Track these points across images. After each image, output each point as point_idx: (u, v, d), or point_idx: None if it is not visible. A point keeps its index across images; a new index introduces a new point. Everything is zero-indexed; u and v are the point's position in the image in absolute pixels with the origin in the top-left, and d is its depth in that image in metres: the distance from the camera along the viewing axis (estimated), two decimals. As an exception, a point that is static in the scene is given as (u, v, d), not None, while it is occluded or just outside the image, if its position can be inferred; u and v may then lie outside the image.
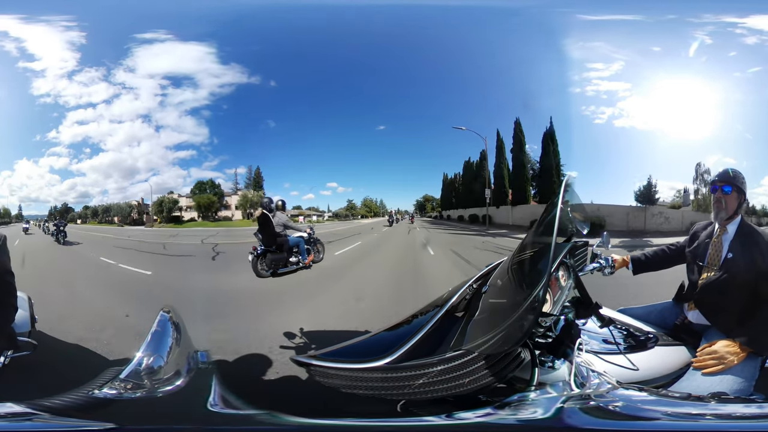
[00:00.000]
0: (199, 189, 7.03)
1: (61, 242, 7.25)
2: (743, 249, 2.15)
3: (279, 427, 1.77)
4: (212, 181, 6.94)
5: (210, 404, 1.91)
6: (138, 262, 6.21)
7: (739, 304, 2.09)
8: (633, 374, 1.89)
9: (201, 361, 2.29)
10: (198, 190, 7.07)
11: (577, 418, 1.47)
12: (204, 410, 1.88)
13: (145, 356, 2.08)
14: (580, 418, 1.46)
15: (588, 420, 1.46)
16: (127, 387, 1.95)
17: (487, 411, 1.53)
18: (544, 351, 1.71)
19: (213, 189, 7.03)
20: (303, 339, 3.78)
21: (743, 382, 1.90)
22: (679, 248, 2.52)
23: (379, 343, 1.79)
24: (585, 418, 1.46)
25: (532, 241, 1.79)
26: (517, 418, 1.49)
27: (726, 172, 2.28)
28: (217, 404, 1.93)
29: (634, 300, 2.72)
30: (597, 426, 1.44)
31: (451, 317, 1.84)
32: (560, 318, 1.79)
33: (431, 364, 1.52)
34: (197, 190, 7.08)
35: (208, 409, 1.89)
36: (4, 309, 2.37)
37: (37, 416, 1.75)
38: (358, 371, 1.60)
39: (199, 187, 7.03)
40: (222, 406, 1.92)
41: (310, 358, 1.73)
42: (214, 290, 5.33)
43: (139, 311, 4.17)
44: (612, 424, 1.47)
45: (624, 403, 1.55)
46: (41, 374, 2.71)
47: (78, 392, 1.91)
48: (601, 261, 2.50)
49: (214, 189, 7.07)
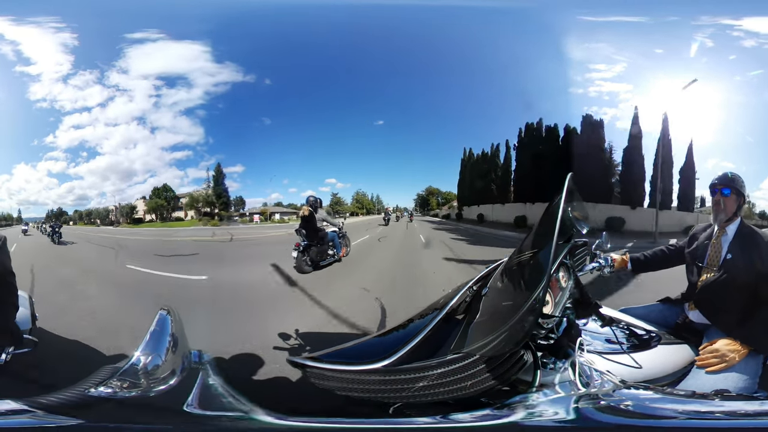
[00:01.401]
0: (156, 194, 7.71)
1: (56, 242, 7.55)
2: (742, 250, 2.16)
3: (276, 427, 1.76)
4: (166, 185, 7.55)
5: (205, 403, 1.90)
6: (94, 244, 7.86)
7: (739, 305, 2.10)
8: (637, 373, 1.88)
9: (196, 361, 2.29)
10: (154, 194, 7.75)
11: (594, 416, 1.47)
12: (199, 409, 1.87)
13: (143, 355, 2.08)
14: (597, 417, 1.47)
15: (605, 418, 1.46)
16: (123, 386, 1.94)
17: (489, 413, 1.52)
18: (546, 352, 1.71)
19: (165, 193, 7.79)
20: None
21: (747, 380, 1.92)
22: (678, 249, 2.52)
23: (377, 345, 1.78)
24: (601, 416, 1.47)
25: (532, 242, 1.78)
26: (521, 419, 1.48)
27: (725, 175, 2.30)
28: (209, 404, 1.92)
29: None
30: (614, 422, 1.45)
31: (451, 320, 1.82)
32: (562, 319, 1.78)
33: (431, 367, 1.51)
34: (154, 195, 7.75)
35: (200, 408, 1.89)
36: (6, 307, 2.43)
37: (34, 414, 1.75)
38: (355, 373, 1.59)
39: (155, 193, 7.70)
40: (218, 406, 1.92)
41: (306, 359, 1.72)
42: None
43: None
44: (627, 422, 1.48)
45: (633, 402, 1.54)
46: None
47: (74, 390, 1.90)
48: (600, 261, 2.50)
49: (166, 193, 7.69)
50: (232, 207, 7.77)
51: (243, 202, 7.86)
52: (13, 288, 2.48)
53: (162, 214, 8.01)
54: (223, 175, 7.31)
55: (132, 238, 7.95)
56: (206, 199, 7.52)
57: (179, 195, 7.97)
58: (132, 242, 7.95)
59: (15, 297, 2.48)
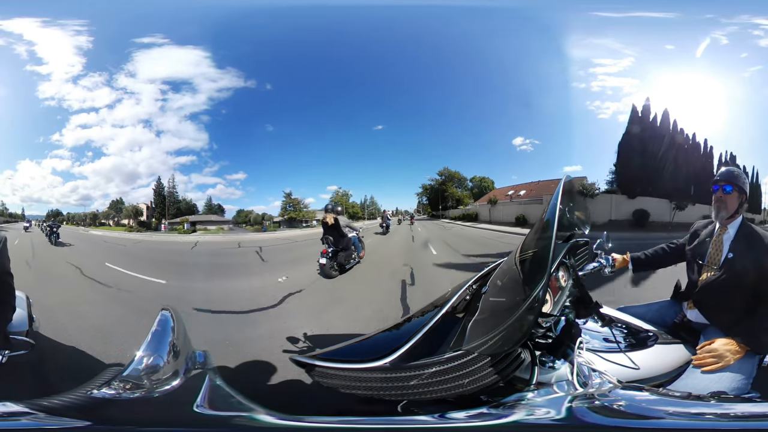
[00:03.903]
0: (111, 206, 9.20)
1: (53, 243, 7.74)
2: (744, 249, 2.15)
3: (277, 427, 1.76)
4: (120, 199, 9.09)
5: (208, 404, 1.91)
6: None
7: (739, 304, 2.10)
8: (634, 373, 1.89)
9: (199, 362, 2.29)
10: (111, 206, 9.22)
11: (587, 417, 1.47)
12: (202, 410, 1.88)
13: (145, 356, 2.08)
14: (590, 417, 1.47)
15: (597, 419, 1.46)
16: (125, 387, 1.94)
17: (487, 411, 1.53)
18: (544, 351, 1.71)
19: (118, 204, 9.16)
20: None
21: (741, 380, 1.92)
22: (678, 247, 2.52)
23: (379, 343, 1.79)
24: (594, 417, 1.47)
25: (533, 241, 1.79)
26: (518, 418, 1.48)
27: (727, 172, 2.28)
28: (216, 404, 1.92)
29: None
30: (606, 423, 1.45)
31: (451, 317, 1.83)
32: (560, 318, 1.79)
33: (431, 364, 1.52)
34: (110, 206, 9.24)
35: (206, 409, 1.89)
36: (3, 308, 2.40)
37: (34, 416, 1.75)
38: (358, 371, 1.60)
39: (112, 205, 9.18)
40: (220, 407, 1.92)
41: (310, 359, 1.73)
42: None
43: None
44: (619, 423, 1.48)
45: (627, 402, 1.55)
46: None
47: (76, 392, 1.90)
48: (601, 260, 2.50)
49: (117, 205, 9.19)
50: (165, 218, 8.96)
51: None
52: (11, 289, 2.45)
53: (115, 219, 9.54)
54: (163, 187, 8.45)
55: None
56: (135, 211, 9.16)
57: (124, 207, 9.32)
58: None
59: (12, 298, 2.46)
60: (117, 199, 8.87)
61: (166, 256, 8.11)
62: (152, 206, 8.94)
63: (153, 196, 8.71)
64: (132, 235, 8.90)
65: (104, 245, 8.55)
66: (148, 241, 8.67)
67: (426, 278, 6.03)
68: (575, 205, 2.27)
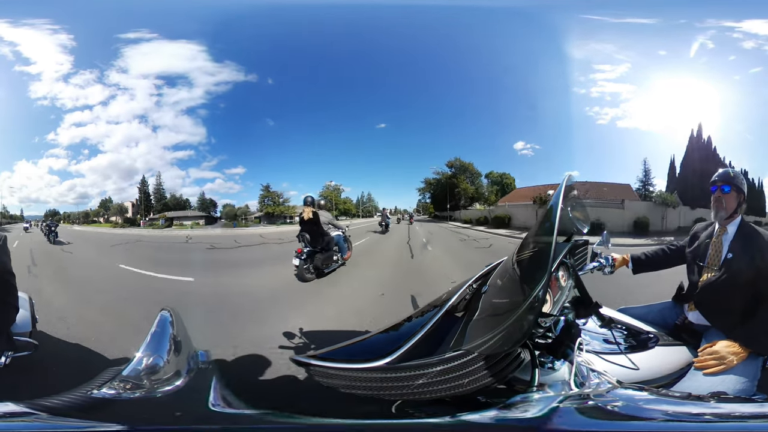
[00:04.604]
0: (101, 204, 9.90)
1: (51, 242, 7.80)
2: (743, 249, 2.15)
3: (279, 426, 1.77)
4: (109, 198, 9.63)
5: (210, 404, 1.91)
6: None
7: (740, 305, 2.10)
8: (634, 374, 1.89)
9: (201, 361, 2.29)
10: (100, 205, 9.95)
11: (572, 418, 1.45)
12: (204, 410, 1.88)
13: (145, 356, 2.08)
14: (575, 419, 1.45)
15: (583, 420, 1.44)
16: (126, 387, 1.94)
17: (486, 412, 1.52)
18: (544, 351, 1.71)
19: (106, 204, 9.84)
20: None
21: (746, 382, 1.90)
22: (679, 248, 2.52)
23: (378, 343, 1.79)
24: (580, 418, 1.45)
25: (533, 240, 1.79)
26: (516, 418, 1.48)
27: (725, 172, 2.29)
28: (217, 404, 1.92)
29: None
30: (592, 427, 1.42)
31: (451, 317, 1.83)
32: (560, 318, 1.79)
33: (431, 365, 1.51)
34: (100, 206, 9.96)
35: (207, 408, 1.89)
36: (6, 309, 2.37)
37: (36, 416, 1.75)
38: (358, 371, 1.60)
39: (101, 204, 9.87)
40: (222, 406, 1.92)
41: (309, 358, 1.73)
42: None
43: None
44: (608, 425, 1.46)
45: (623, 403, 1.54)
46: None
47: (77, 392, 1.90)
48: (601, 260, 2.50)
49: (106, 204, 9.86)
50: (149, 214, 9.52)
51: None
52: (13, 289, 2.40)
53: (105, 216, 10.24)
54: (148, 184, 8.97)
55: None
56: (121, 208, 9.95)
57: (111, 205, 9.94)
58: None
59: (15, 298, 2.41)
60: (106, 198, 9.40)
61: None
62: (138, 203, 9.22)
63: (138, 194, 9.14)
64: (104, 230, 9.53)
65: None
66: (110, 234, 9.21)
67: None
68: (576, 205, 2.27)
